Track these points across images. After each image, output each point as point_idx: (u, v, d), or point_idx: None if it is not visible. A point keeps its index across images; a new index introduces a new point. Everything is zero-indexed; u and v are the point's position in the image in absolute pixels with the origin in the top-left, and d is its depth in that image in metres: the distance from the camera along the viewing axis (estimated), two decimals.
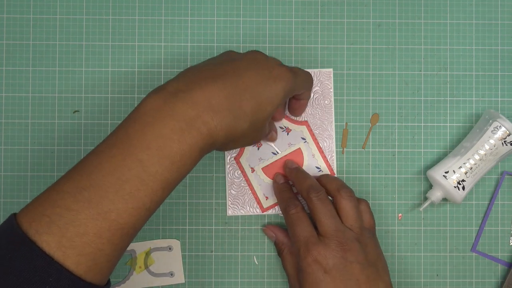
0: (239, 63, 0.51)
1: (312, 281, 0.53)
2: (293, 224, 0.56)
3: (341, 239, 0.54)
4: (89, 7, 0.64)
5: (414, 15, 0.64)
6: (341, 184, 0.57)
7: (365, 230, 0.56)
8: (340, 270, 0.53)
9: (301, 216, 0.57)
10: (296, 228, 0.56)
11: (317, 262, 0.53)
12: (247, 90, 0.50)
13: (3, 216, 0.63)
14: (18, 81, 0.63)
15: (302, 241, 0.55)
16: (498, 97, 0.64)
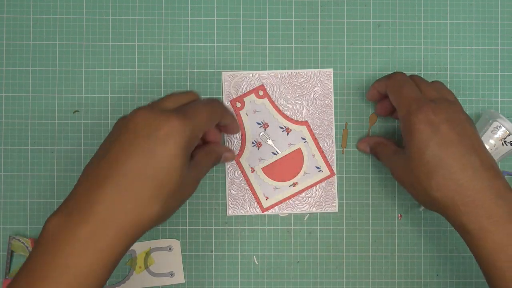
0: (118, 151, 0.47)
1: (422, 137, 0.51)
2: (401, 86, 0.54)
3: (449, 102, 0.53)
4: (89, 7, 0.64)
5: (414, 15, 0.64)
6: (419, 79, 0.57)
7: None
8: (453, 124, 0.51)
9: (408, 79, 0.55)
10: (403, 89, 0.54)
11: (429, 118, 0.51)
12: (138, 179, 0.46)
13: (3, 216, 0.63)
14: (18, 81, 0.63)
15: (412, 100, 0.53)
16: (498, 97, 0.64)
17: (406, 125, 0.53)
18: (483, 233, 0.49)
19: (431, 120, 0.51)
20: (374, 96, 0.60)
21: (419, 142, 0.51)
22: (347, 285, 0.63)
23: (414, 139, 0.52)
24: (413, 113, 0.52)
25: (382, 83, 0.58)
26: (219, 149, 0.59)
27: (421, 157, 0.51)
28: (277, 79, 0.64)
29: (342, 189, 0.64)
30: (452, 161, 0.51)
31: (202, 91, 0.63)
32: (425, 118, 0.51)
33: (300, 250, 0.64)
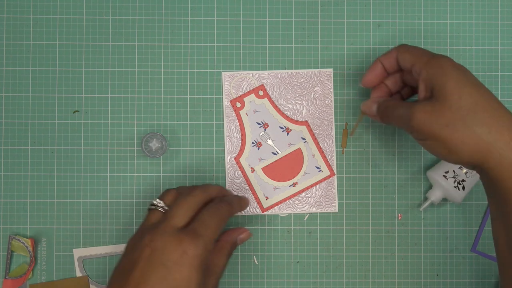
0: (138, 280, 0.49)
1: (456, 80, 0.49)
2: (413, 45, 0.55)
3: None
4: (89, 7, 0.64)
5: (414, 15, 0.64)
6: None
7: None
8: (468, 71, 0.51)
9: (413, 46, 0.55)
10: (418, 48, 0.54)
11: (454, 63, 0.51)
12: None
13: (3, 216, 0.63)
14: (18, 81, 0.63)
15: (428, 52, 0.53)
16: (498, 97, 0.64)
17: (432, 67, 0.51)
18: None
19: (456, 64, 0.51)
20: (376, 76, 0.57)
21: (456, 78, 0.49)
22: (347, 285, 0.63)
23: (448, 75, 0.50)
24: (438, 57, 0.51)
25: (390, 53, 0.56)
26: (231, 238, 0.59)
27: (461, 91, 0.49)
28: (277, 79, 0.64)
29: (342, 189, 0.64)
30: (490, 97, 0.49)
31: (202, 91, 0.64)
32: (451, 61, 0.51)
33: (300, 250, 0.64)
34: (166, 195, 0.55)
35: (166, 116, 0.63)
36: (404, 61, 0.55)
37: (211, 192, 0.56)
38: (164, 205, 0.54)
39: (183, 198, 0.53)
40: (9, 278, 0.61)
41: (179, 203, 0.53)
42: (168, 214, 0.52)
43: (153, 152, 0.62)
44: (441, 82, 0.50)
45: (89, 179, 0.63)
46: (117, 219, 0.63)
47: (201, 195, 0.54)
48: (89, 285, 0.63)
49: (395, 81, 0.58)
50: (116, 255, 0.63)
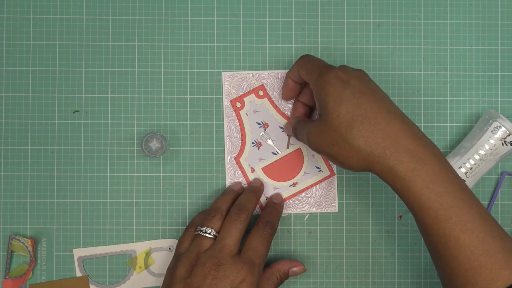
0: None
1: (335, 91, 0.52)
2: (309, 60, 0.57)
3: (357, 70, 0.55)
4: (89, 7, 0.64)
5: (414, 15, 0.64)
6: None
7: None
8: (362, 80, 0.53)
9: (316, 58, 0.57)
10: (314, 61, 0.56)
11: (339, 76, 0.53)
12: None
13: (3, 216, 0.63)
14: (18, 81, 0.63)
15: (322, 65, 0.55)
16: (498, 97, 0.64)
17: (318, 86, 0.54)
18: (411, 172, 0.50)
19: (341, 77, 0.53)
20: (289, 88, 0.61)
21: (334, 96, 0.52)
22: (347, 285, 0.63)
23: (329, 95, 0.52)
24: (325, 73, 0.53)
25: (293, 69, 0.59)
26: (283, 268, 0.60)
27: (338, 109, 0.52)
28: (277, 79, 0.64)
29: (342, 189, 0.64)
30: (368, 107, 0.51)
31: (202, 91, 0.64)
32: (335, 76, 0.53)
33: (300, 250, 0.64)
34: (213, 221, 0.57)
35: (166, 116, 0.63)
36: (303, 76, 0.58)
37: (250, 207, 0.58)
38: (214, 232, 0.56)
39: (233, 225, 0.56)
40: (9, 278, 0.62)
41: (230, 230, 0.56)
42: (223, 242, 0.55)
43: (153, 152, 0.62)
44: (324, 102, 0.53)
45: (89, 179, 0.63)
46: (117, 219, 0.63)
47: (247, 218, 0.57)
48: (89, 285, 0.63)
49: (309, 97, 0.61)
50: (116, 255, 0.63)
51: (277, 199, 0.62)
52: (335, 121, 0.52)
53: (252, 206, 0.58)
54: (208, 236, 0.56)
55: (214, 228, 0.56)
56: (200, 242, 0.56)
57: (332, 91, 0.52)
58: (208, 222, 0.57)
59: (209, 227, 0.56)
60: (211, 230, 0.56)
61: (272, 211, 0.60)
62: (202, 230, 0.56)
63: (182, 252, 0.56)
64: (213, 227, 0.56)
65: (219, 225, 0.57)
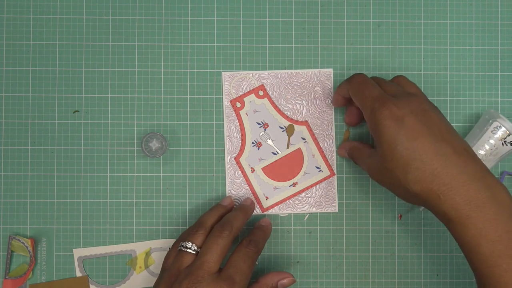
0: None
1: (390, 133, 0.51)
2: (361, 86, 0.55)
3: (411, 95, 0.54)
4: (89, 7, 0.64)
5: (414, 15, 0.64)
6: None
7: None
8: (418, 115, 0.52)
9: (367, 79, 0.56)
10: (365, 89, 0.54)
11: (393, 113, 0.52)
12: None
13: (3, 216, 0.63)
14: (18, 81, 0.63)
15: (374, 98, 0.53)
16: (498, 97, 0.64)
17: (372, 123, 0.53)
18: (463, 219, 0.49)
19: (395, 115, 0.51)
20: (339, 102, 0.60)
21: (388, 138, 0.52)
22: (347, 285, 0.63)
23: (383, 136, 0.52)
24: (377, 110, 0.52)
25: (343, 88, 0.58)
26: (271, 281, 0.57)
27: (393, 153, 0.51)
28: (277, 79, 0.64)
29: (342, 189, 0.64)
30: (422, 151, 0.51)
31: (202, 91, 0.64)
32: (389, 113, 0.52)
33: (300, 250, 0.64)
34: (195, 236, 0.56)
35: (166, 116, 0.63)
36: (355, 101, 0.57)
37: (235, 224, 0.56)
38: (196, 248, 0.55)
39: (214, 241, 0.54)
40: (9, 278, 0.61)
41: (211, 247, 0.54)
42: (202, 259, 0.54)
43: (153, 152, 0.62)
44: (378, 142, 0.53)
45: (89, 179, 0.63)
46: (117, 219, 0.63)
47: (230, 235, 0.55)
48: (89, 285, 0.63)
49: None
50: (116, 255, 0.63)
51: (264, 222, 0.61)
52: (389, 164, 0.52)
53: (238, 224, 0.57)
54: (189, 252, 0.55)
55: (196, 243, 0.55)
56: (181, 258, 0.55)
57: (386, 133, 0.52)
58: (191, 237, 0.55)
59: (191, 242, 0.55)
60: (192, 245, 0.55)
61: (258, 232, 0.59)
62: (183, 245, 0.55)
63: (167, 268, 0.55)
64: (195, 242, 0.55)
65: (201, 241, 0.55)
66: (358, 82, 0.56)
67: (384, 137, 0.52)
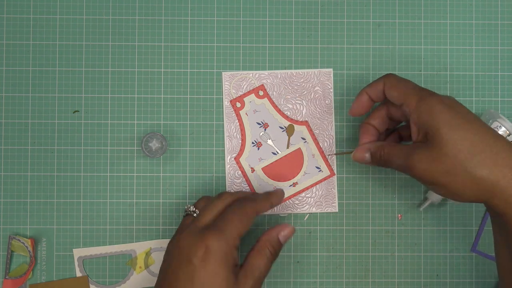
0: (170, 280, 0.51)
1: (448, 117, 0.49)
2: (402, 80, 0.54)
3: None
4: (89, 7, 0.64)
5: (414, 15, 0.64)
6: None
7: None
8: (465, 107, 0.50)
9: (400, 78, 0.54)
10: (408, 83, 0.53)
11: (442, 100, 0.50)
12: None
13: (3, 216, 0.63)
14: (18, 81, 0.63)
15: (420, 89, 0.52)
16: (498, 97, 0.64)
17: (422, 109, 0.51)
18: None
19: (447, 102, 0.50)
20: (363, 105, 0.57)
21: (447, 121, 0.49)
22: (347, 285, 0.63)
23: (440, 120, 0.49)
24: (428, 97, 0.51)
25: (376, 86, 0.55)
26: (270, 236, 0.55)
27: (455, 136, 0.48)
28: (277, 79, 0.64)
29: (342, 189, 0.64)
30: (484, 134, 0.49)
31: (202, 91, 0.64)
32: (440, 100, 0.50)
33: (300, 250, 0.64)
34: (200, 201, 0.57)
35: (166, 116, 0.63)
36: (392, 98, 0.54)
37: (240, 194, 0.56)
38: (196, 210, 0.55)
39: (212, 202, 0.55)
40: (9, 278, 0.62)
41: (207, 205, 0.55)
42: (196, 217, 0.54)
43: (153, 152, 0.62)
44: (434, 128, 0.50)
45: (89, 179, 0.63)
46: (117, 219, 0.63)
47: (229, 197, 0.55)
48: (89, 285, 0.63)
49: (381, 120, 0.57)
50: (116, 255, 0.63)
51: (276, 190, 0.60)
52: (452, 148, 0.49)
53: (241, 194, 0.56)
54: (189, 214, 0.56)
55: (198, 208, 0.56)
56: (182, 221, 0.56)
57: (443, 115, 0.49)
58: (196, 203, 0.57)
59: (194, 206, 0.56)
60: (194, 209, 0.56)
61: (262, 194, 0.58)
62: (186, 209, 0.56)
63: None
64: (198, 206, 0.56)
65: (203, 205, 0.56)
66: (396, 76, 0.54)
67: (442, 120, 0.49)
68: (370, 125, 0.57)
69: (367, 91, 0.56)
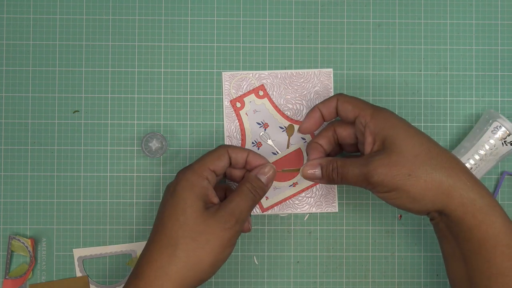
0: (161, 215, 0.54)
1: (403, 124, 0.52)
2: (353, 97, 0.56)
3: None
4: (89, 7, 0.64)
5: (414, 15, 0.64)
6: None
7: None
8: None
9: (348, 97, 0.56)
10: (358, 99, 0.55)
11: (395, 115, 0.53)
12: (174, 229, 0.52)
13: (3, 216, 0.63)
14: (18, 81, 0.63)
15: (370, 104, 0.55)
16: (498, 97, 0.64)
17: (378, 119, 0.53)
18: (492, 207, 0.50)
19: (397, 116, 0.54)
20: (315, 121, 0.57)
21: (403, 128, 0.52)
22: (347, 285, 0.63)
23: (396, 127, 0.52)
24: (380, 109, 0.54)
25: (329, 102, 0.56)
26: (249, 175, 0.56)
27: (413, 140, 0.51)
28: (277, 79, 0.64)
29: (342, 189, 0.64)
30: (434, 143, 0.52)
31: (202, 91, 0.64)
32: (393, 113, 0.54)
33: (300, 250, 0.64)
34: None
35: (166, 116, 0.63)
36: (345, 112, 0.55)
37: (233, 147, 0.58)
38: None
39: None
40: (9, 278, 0.62)
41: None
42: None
43: (153, 152, 0.62)
44: (392, 134, 0.51)
45: (89, 179, 0.63)
46: (117, 219, 0.63)
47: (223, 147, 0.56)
48: (89, 285, 0.63)
49: (327, 140, 0.58)
50: (116, 255, 0.63)
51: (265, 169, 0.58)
52: (411, 151, 0.50)
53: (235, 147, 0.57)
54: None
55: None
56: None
57: (398, 123, 0.52)
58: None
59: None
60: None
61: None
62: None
63: None
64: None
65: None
66: (348, 95, 0.56)
67: (398, 127, 0.52)
68: (318, 144, 0.58)
69: (320, 108, 0.57)
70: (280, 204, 0.64)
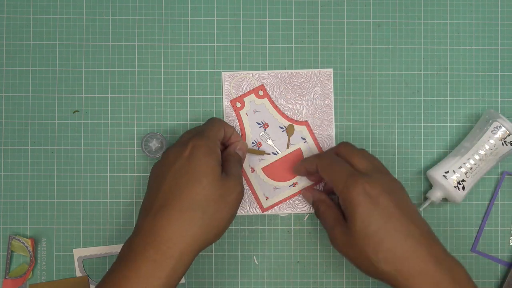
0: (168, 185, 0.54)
1: (364, 211, 0.52)
2: (332, 163, 0.56)
3: (382, 172, 0.55)
4: (89, 7, 0.64)
5: (414, 15, 0.64)
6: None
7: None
8: (390, 194, 0.53)
9: (336, 158, 0.57)
10: (336, 166, 0.55)
11: (367, 191, 0.52)
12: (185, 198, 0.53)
13: (3, 216, 0.63)
14: (18, 81, 0.63)
15: (346, 175, 0.54)
16: (498, 97, 0.64)
17: (345, 199, 0.53)
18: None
19: (369, 193, 0.53)
20: (301, 172, 0.62)
21: (362, 216, 0.52)
22: (347, 285, 0.63)
23: (356, 213, 0.52)
24: (351, 186, 0.53)
25: (311, 162, 0.59)
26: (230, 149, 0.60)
27: (366, 231, 0.52)
28: (277, 79, 0.64)
29: None
30: (395, 232, 0.52)
31: (202, 91, 0.64)
32: (363, 191, 0.53)
33: (300, 250, 0.64)
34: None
35: (166, 116, 0.63)
36: (323, 177, 0.57)
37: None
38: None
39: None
40: (9, 278, 0.62)
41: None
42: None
43: (153, 152, 0.62)
44: (351, 218, 0.53)
45: (89, 179, 0.63)
46: (117, 219, 0.63)
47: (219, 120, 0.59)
48: (89, 285, 0.63)
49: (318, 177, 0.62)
50: (116, 255, 0.63)
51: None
52: (361, 241, 0.52)
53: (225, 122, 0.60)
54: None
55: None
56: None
57: (360, 210, 0.52)
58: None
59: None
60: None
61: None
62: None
63: None
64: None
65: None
66: (328, 158, 0.57)
67: (358, 214, 0.52)
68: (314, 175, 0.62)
69: (305, 165, 0.60)
70: (280, 204, 0.64)
